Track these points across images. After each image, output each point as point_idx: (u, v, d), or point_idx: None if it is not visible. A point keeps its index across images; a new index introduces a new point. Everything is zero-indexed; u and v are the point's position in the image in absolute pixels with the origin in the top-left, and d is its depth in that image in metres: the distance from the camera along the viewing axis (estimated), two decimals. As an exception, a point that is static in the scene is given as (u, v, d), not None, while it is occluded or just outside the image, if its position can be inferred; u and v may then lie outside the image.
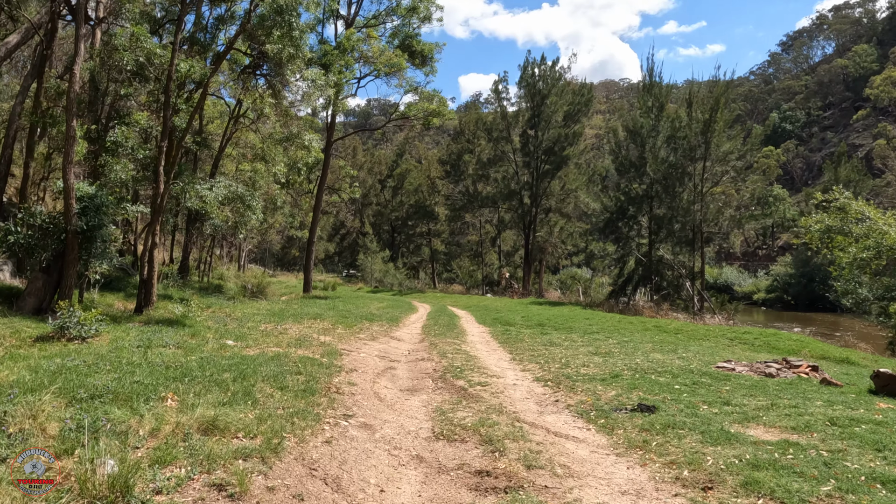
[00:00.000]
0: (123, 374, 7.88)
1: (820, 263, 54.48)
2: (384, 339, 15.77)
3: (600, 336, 18.08)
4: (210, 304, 22.03)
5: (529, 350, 14.27)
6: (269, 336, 14.06)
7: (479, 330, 19.48)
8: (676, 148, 33.85)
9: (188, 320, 16.24)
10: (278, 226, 48.28)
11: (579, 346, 15.12)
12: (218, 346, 11.81)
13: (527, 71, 48.07)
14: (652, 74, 36.10)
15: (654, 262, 35.36)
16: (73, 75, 13.86)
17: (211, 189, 15.78)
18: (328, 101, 25.89)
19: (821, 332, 30.16)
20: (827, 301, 51.22)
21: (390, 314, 22.37)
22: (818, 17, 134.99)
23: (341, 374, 10.19)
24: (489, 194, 52.45)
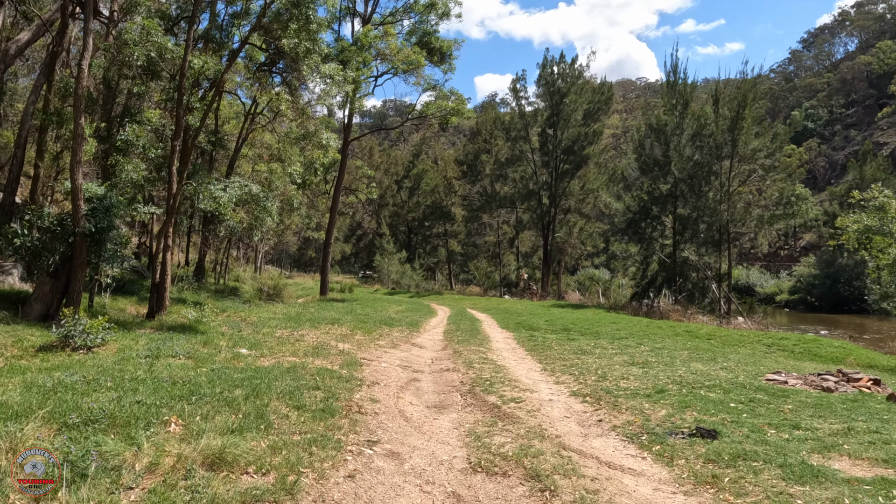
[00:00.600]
0: (125, 393, 7.10)
1: (845, 264, 53.01)
2: (405, 347, 14.95)
3: (630, 342, 17.15)
4: (225, 307, 21.37)
5: (560, 359, 13.37)
6: (285, 344, 13.28)
7: (502, 336, 18.60)
8: (702, 146, 32.74)
9: (202, 326, 15.53)
10: (295, 227, 47.71)
11: (612, 354, 14.20)
12: (231, 356, 11.05)
13: (545, 69, 47.07)
14: (676, 71, 35.03)
15: (678, 264, 34.25)
16: (81, 71, 13.18)
17: (225, 190, 15.06)
18: (346, 98, 25.15)
19: (848, 335, 28.90)
20: (852, 303, 49.81)
21: (410, 318, 21.56)
22: (840, 13, 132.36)
23: (362, 388, 9.37)
24: (507, 194, 51.51)
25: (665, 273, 35.15)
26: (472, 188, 55.74)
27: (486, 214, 55.12)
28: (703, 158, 32.59)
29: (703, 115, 33.01)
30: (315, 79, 15.51)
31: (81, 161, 13.05)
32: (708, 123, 32.66)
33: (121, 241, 15.10)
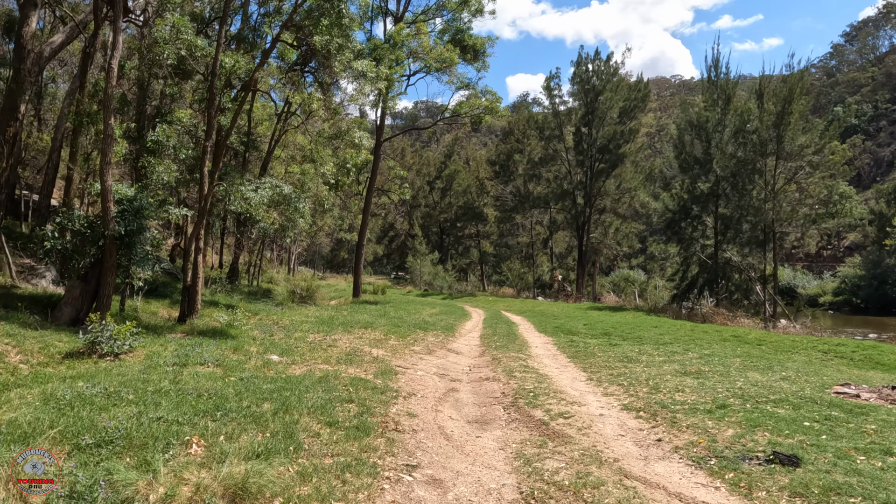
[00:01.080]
0: (146, 407, 6.60)
1: (893, 264, 50.74)
2: (441, 353, 14.31)
3: (677, 348, 16.25)
4: (258, 310, 21.03)
5: (605, 367, 12.58)
6: (317, 350, 12.76)
7: (541, 340, 17.84)
8: (745, 143, 31.42)
9: (233, 330, 15.13)
10: (327, 228, 47.50)
11: (660, 362, 13.35)
12: (261, 364, 10.55)
13: (580, 67, 45.99)
14: (717, 66, 33.73)
15: (720, 265, 32.97)
16: (111, 70, 12.85)
17: (256, 190, 14.64)
18: (378, 97, 24.64)
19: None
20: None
21: (445, 322, 20.93)
22: (885, 5, 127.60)
23: (398, 400, 8.75)
24: (540, 194, 50.56)
25: (706, 274, 33.88)
26: (505, 188, 54.92)
27: (519, 215, 54.21)
28: (747, 155, 31.28)
29: (746, 110, 31.69)
30: (347, 76, 15.00)
31: (111, 162, 12.72)
32: (751, 119, 31.34)
33: (151, 244, 14.78)
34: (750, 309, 32.19)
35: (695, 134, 33.56)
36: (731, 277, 34.03)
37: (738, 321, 28.15)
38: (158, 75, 14.66)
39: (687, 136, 34.02)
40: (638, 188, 41.48)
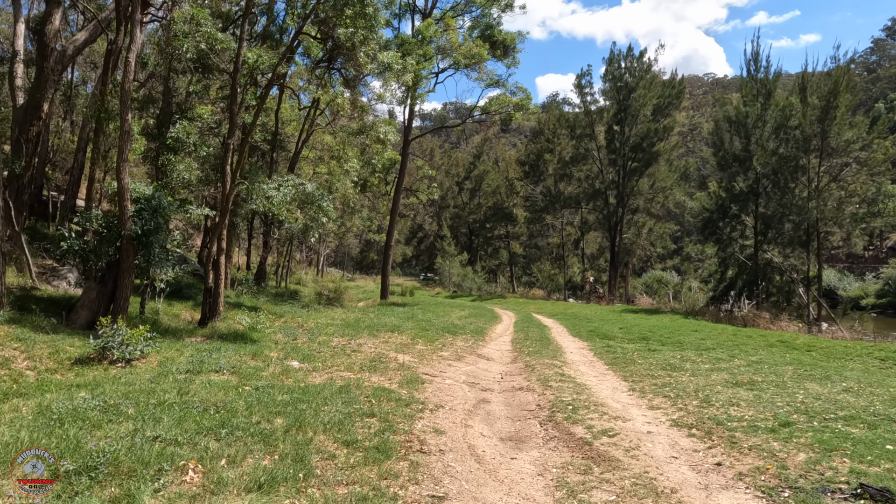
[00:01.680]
0: (144, 424, 5.93)
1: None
2: (471, 359, 13.49)
3: (721, 355, 15.19)
4: (283, 312, 20.48)
5: (648, 376, 11.63)
6: (340, 355, 12.06)
7: (575, 345, 16.90)
8: (787, 139, 29.98)
9: (255, 334, 14.55)
10: (356, 230, 47.04)
11: (706, 370, 12.34)
12: (280, 371, 9.87)
13: (612, 64, 44.76)
14: (757, 60, 32.27)
15: (760, 266, 31.53)
16: (128, 64, 12.35)
17: (278, 189, 14.03)
18: (406, 93, 23.96)
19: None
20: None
21: (474, 325, 20.11)
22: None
23: (424, 413, 7.97)
24: (571, 194, 49.41)
25: (746, 276, 32.44)
26: (535, 189, 53.81)
27: (550, 215, 53.06)
28: (789, 152, 29.83)
29: (788, 105, 30.24)
30: (373, 69, 14.30)
31: (128, 160, 12.20)
32: (794, 114, 29.90)
33: (171, 244, 14.27)
34: (792, 312, 30.71)
35: (733, 130, 32.18)
36: (771, 279, 32.54)
37: (781, 325, 26.78)
38: (178, 70, 14.16)
39: (725, 132, 32.63)
40: (673, 187, 40.09)
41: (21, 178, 16.04)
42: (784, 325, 27.04)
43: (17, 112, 16.69)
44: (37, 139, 16.43)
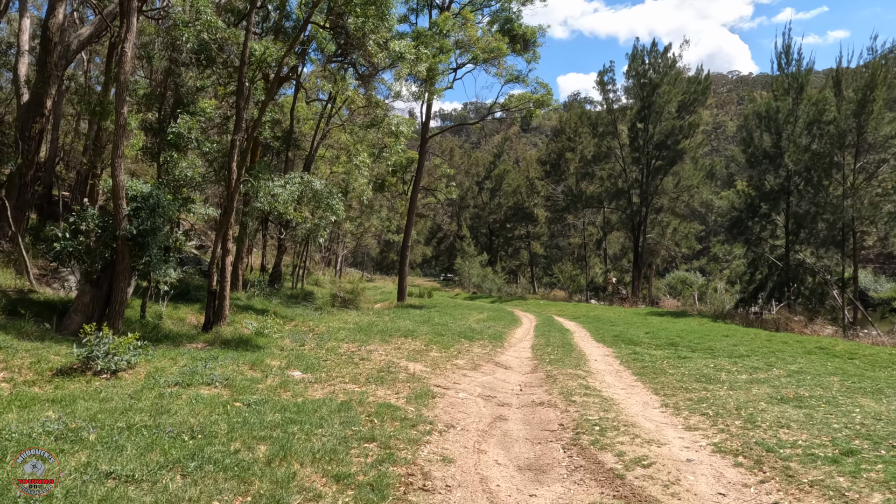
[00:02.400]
0: (101, 455, 5.08)
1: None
2: (488, 367, 12.52)
3: (757, 363, 14.06)
4: (295, 315, 19.69)
5: (681, 388, 10.56)
6: (347, 364, 11.17)
7: (600, 352, 15.85)
8: (821, 134, 28.53)
9: (261, 339, 13.74)
10: (374, 230, 46.28)
11: (744, 382, 11.24)
12: (278, 383, 9.01)
13: (635, 60, 43.41)
14: (788, 53, 30.80)
15: (791, 267, 30.08)
16: (124, 55, 11.60)
17: (285, 186, 13.21)
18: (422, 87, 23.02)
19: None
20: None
21: (493, 329, 19.13)
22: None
23: (432, 436, 7.04)
24: (593, 193, 48.13)
25: (777, 277, 31.00)
26: (556, 188, 52.53)
27: (571, 215, 51.78)
28: (823, 148, 28.37)
29: (821, 99, 28.78)
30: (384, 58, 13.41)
31: (123, 155, 11.46)
32: (828, 108, 28.45)
33: (173, 245, 13.52)
34: (826, 315, 29.26)
35: (763, 126, 30.77)
36: (803, 280, 31.07)
37: (815, 329, 25.41)
38: (180, 62, 13.41)
39: (755, 128, 31.21)
40: (700, 185, 38.67)
41: (23, 177, 15.44)
42: (818, 329, 25.67)
43: (20, 109, 16.11)
44: (39, 136, 15.81)
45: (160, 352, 10.57)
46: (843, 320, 27.55)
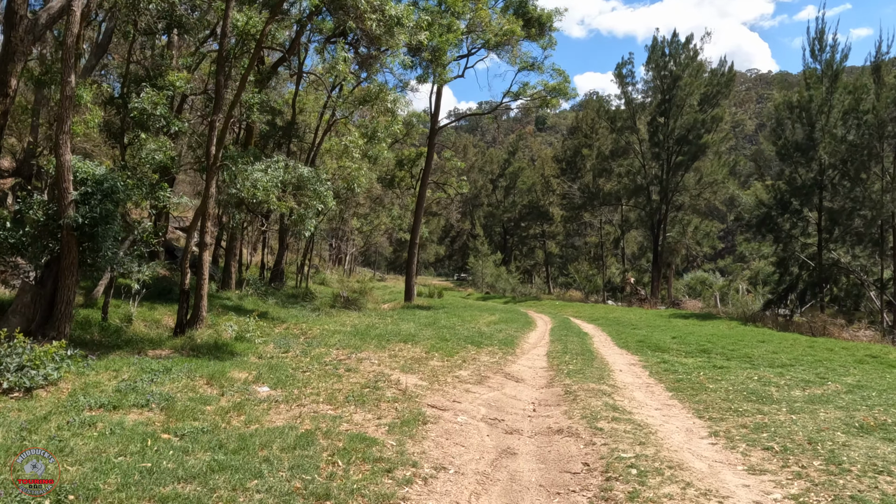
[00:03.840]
0: None
1: None
2: (496, 380, 10.61)
3: (806, 374, 12.07)
4: (289, 317, 17.93)
5: (730, 410, 8.58)
6: (329, 377, 9.34)
7: (624, 360, 13.87)
8: (859, 125, 26.26)
9: (240, 345, 11.98)
10: (384, 227, 44.49)
11: (803, 399, 9.25)
12: (233, 404, 7.20)
13: (655, 52, 41.23)
14: (822, 38, 28.47)
15: (825, 267, 27.79)
16: (72, 14, 9.89)
17: (266, 171, 11.43)
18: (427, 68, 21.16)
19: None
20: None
21: (504, 333, 17.20)
22: None
23: (412, 487, 5.17)
24: (611, 190, 46.00)
25: (809, 277, 28.71)
26: (572, 186, 50.33)
27: (588, 213, 49.62)
28: (861, 139, 26.09)
29: (860, 87, 26.51)
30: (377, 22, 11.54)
31: (70, 132, 9.72)
32: (866, 97, 26.20)
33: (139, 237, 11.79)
34: (863, 318, 26.98)
35: (795, 117, 28.49)
36: (836, 281, 28.78)
37: (854, 334, 23.18)
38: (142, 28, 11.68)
39: (786, 119, 28.95)
40: (727, 180, 36.42)
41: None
42: (857, 333, 23.44)
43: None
44: (3, 118, 14.16)
45: (105, 362, 8.82)
46: (883, 324, 25.26)
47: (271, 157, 11.99)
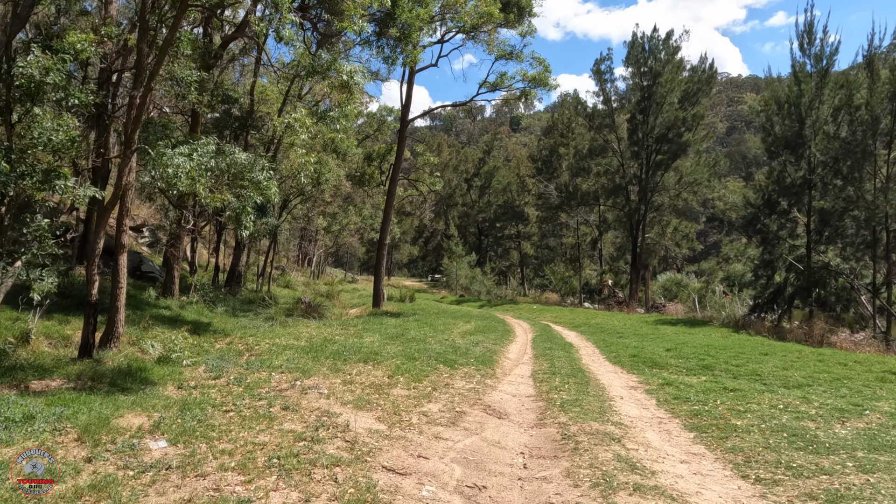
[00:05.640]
0: None
1: None
2: (473, 417, 8.38)
3: (833, 399, 10.17)
4: (235, 329, 15.50)
5: (777, 463, 6.48)
6: (258, 420, 7.04)
7: (621, 381, 11.78)
8: (852, 120, 24.73)
9: (159, 370, 9.59)
10: (352, 227, 41.99)
11: (851, 439, 7.21)
12: (95, 481, 4.88)
13: (634, 47, 39.48)
14: (811, 31, 26.86)
15: (814, 270, 26.17)
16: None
17: (191, 155, 9.09)
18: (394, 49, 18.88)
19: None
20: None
21: (481, 347, 14.97)
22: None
23: None
24: (589, 190, 44.19)
25: (797, 281, 27.08)
26: (548, 186, 48.38)
27: (565, 213, 47.74)
28: (854, 136, 24.53)
29: (852, 81, 24.97)
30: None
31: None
32: (858, 92, 24.70)
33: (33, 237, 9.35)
34: (854, 324, 25.45)
35: (785, 113, 26.86)
36: (826, 285, 27.20)
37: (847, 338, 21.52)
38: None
39: (775, 115, 27.30)
40: (712, 179, 34.85)
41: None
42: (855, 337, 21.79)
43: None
44: None
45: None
46: (876, 331, 23.69)
47: (199, 140, 9.58)
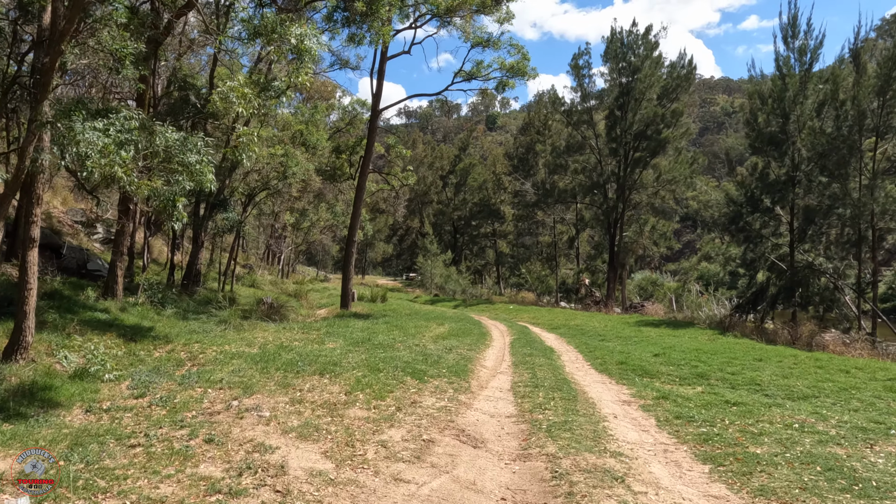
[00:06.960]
0: None
1: None
2: (444, 446, 6.88)
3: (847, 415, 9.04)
4: (180, 334, 13.77)
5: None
6: (168, 459, 5.46)
7: (611, 394, 10.40)
8: (838, 115, 23.85)
9: (72, 387, 7.96)
10: (322, 224, 40.19)
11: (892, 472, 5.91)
12: None
13: (613, 42, 38.39)
14: (795, 23, 25.89)
15: (798, 269, 25.25)
16: None
17: (106, 130, 7.48)
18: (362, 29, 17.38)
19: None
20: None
21: (455, 354, 13.47)
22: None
23: None
24: (566, 188, 43.05)
25: (780, 280, 26.14)
26: (525, 183, 47.12)
27: (541, 211, 46.56)
28: (839, 131, 23.65)
29: (837, 75, 24.10)
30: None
31: None
32: (844, 84, 23.85)
33: None
34: (839, 325, 24.57)
35: (769, 108, 25.89)
36: (811, 285, 26.30)
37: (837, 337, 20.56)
38: None
39: (759, 111, 26.33)
40: (694, 175, 33.93)
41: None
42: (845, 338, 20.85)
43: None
44: None
45: None
46: (860, 330, 22.81)
47: (119, 113, 7.92)
